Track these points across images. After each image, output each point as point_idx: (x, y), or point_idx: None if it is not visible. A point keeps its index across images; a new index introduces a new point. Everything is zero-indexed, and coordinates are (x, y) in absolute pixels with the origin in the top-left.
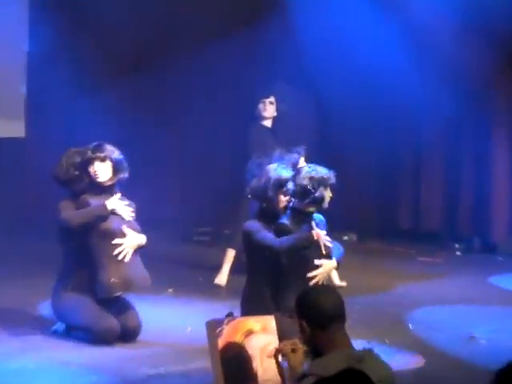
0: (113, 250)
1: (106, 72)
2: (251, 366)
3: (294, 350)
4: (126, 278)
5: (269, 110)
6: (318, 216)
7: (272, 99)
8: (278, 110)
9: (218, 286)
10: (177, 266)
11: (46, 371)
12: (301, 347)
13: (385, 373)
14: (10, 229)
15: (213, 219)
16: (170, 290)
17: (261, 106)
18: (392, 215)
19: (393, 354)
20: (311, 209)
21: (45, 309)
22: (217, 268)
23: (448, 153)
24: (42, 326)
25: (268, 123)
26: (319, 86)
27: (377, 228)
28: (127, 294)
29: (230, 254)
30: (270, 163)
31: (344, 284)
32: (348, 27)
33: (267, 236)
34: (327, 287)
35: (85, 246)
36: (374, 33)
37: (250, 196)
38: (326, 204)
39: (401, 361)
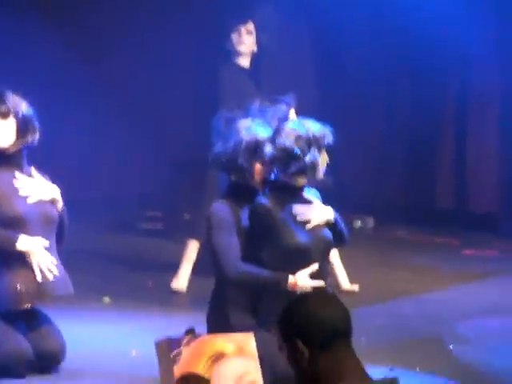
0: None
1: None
2: None
3: None
4: (38, 284)
5: (246, 42)
6: (311, 191)
7: (250, 26)
8: (258, 42)
9: (176, 292)
10: (115, 265)
11: None
12: None
13: None
14: None
15: (166, 199)
16: (107, 300)
17: (235, 36)
18: (424, 191)
19: None
20: (300, 181)
21: None
22: (173, 267)
23: (503, 108)
24: None
25: (245, 61)
26: (321, 8)
27: (402, 210)
28: (41, 306)
29: (192, 247)
30: (243, 118)
31: (356, 288)
32: None
33: (226, 247)
34: (325, 293)
35: None
36: None
37: (214, 165)
38: (320, 173)
39: None
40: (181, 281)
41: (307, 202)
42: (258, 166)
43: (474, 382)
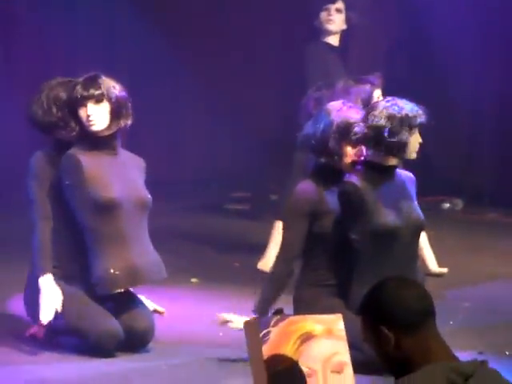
0: (112, 229)
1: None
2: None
3: None
4: (131, 268)
5: (335, 20)
6: (403, 172)
7: (340, 5)
8: (348, 21)
9: (263, 273)
10: (203, 247)
11: None
12: None
13: None
14: None
15: (254, 181)
16: (195, 280)
17: (323, 15)
18: None
19: None
20: (392, 161)
21: (16, 306)
22: (260, 248)
23: None
24: (13, 330)
25: (334, 40)
26: None
27: (493, 192)
28: (133, 289)
29: (279, 227)
30: (332, 99)
31: (445, 271)
32: None
33: (286, 239)
34: (404, 278)
35: (74, 224)
36: None
37: (303, 147)
38: (412, 154)
39: None
40: (268, 262)
41: (399, 181)
42: (348, 149)
43: None
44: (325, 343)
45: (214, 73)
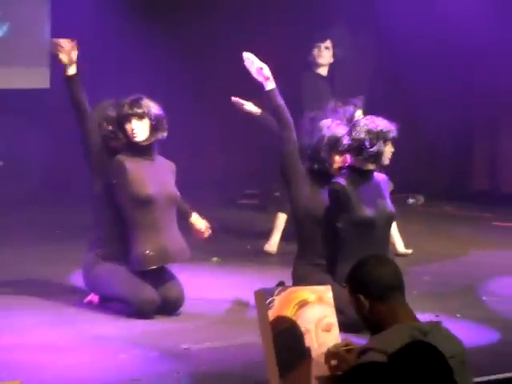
0: (148, 219)
1: (136, 18)
2: (305, 340)
3: (348, 351)
4: (162, 250)
5: (324, 55)
6: (379, 175)
7: (328, 44)
8: (334, 56)
9: (268, 254)
10: (222, 233)
11: (79, 346)
12: (355, 346)
13: (456, 348)
14: (37, 193)
15: (261, 180)
16: (215, 259)
17: (315, 51)
18: (465, 175)
19: (464, 328)
20: (369, 166)
21: (77, 279)
22: (266, 234)
23: None
24: (74, 298)
25: (323, 71)
26: (384, 31)
27: (447, 189)
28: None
29: (281, 218)
30: (323, 117)
31: (410, 252)
32: None
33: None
34: (382, 257)
35: (118, 215)
36: None
37: (301, 156)
38: (386, 160)
39: (473, 336)
40: (272, 245)
41: (375, 182)
42: (336, 158)
43: (500, 325)
44: (317, 308)
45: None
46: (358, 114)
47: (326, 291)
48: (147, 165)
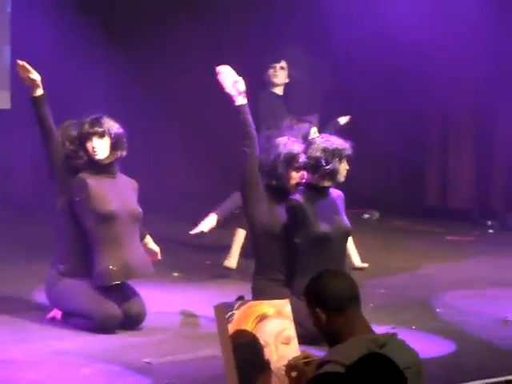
0: (110, 235)
1: (96, 37)
2: (265, 353)
3: (307, 363)
4: (125, 265)
5: (280, 75)
6: (335, 191)
7: (283, 64)
8: (289, 76)
9: (228, 269)
10: (181, 248)
11: (42, 362)
12: (314, 358)
13: (411, 359)
14: None
15: (220, 197)
16: (176, 274)
17: (271, 71)
18: (417, 191)
19: (420, 340)
20: (325, 183)
21: (39, 296)
22: (226, 249)
23: (479, 122)
24: (36, 314)
25: (279, 91)
26: (336, 51)
27: (401, 205)
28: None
29: (240, 234)
30: (279, 135)
31: (366, 265)
32: None
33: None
34: (337, 270)
35: (81, 231)
36: None
37: (259, 172)
38: (341, 178)
39: (429, 347)
40: (232, 260)
41: (331, 198)
42: (293, 174)
43: (455, 336)
44: (276, 322)
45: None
46: (313, 130)
47: (285, 305)
48: (109, 182)
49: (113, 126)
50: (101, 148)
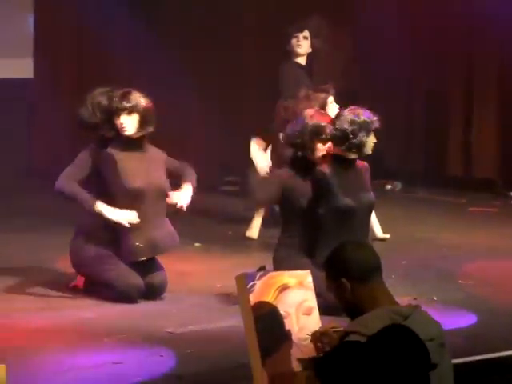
0: (137, 211)
1: (118, 7)
2: (286, 323)
3: (336, 332)
4: (152, 241)
5: (303, 45)
6: (361, 163)
7: (306, 33)
8: (312, 46)
9: (250, 240)
10: (203, 219)
11: (63, 331)
12: (341, 328)
13: (435, 331)
14: (21, 180)
15: (241, 167)
16: (197, 245)
17: (294, 41)
18: (440, 161)
19: (442, 311)
20: (352, 155)
21: (61, 265)
22: (247, 220)
23: (504, 92)
24: (58, 284)
25: (302, 60)
26: (358, 19)
27: (423, 176)
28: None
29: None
30: (297, 105)
31: (388, 236)
32: None
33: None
34: (359, 242)
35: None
36: None
37: (285, 143)
38: (368, 150)
39: (451, 319)
40: (253, 230)
41: (357, 170)
42: (319, 145)
43: (477, 307)
44: (297, 292)
45: (214, 84)
46: (330, 100)
47: (306, 276)
48: (137, 157)
49: (141, 101)
50: (129, 124)
